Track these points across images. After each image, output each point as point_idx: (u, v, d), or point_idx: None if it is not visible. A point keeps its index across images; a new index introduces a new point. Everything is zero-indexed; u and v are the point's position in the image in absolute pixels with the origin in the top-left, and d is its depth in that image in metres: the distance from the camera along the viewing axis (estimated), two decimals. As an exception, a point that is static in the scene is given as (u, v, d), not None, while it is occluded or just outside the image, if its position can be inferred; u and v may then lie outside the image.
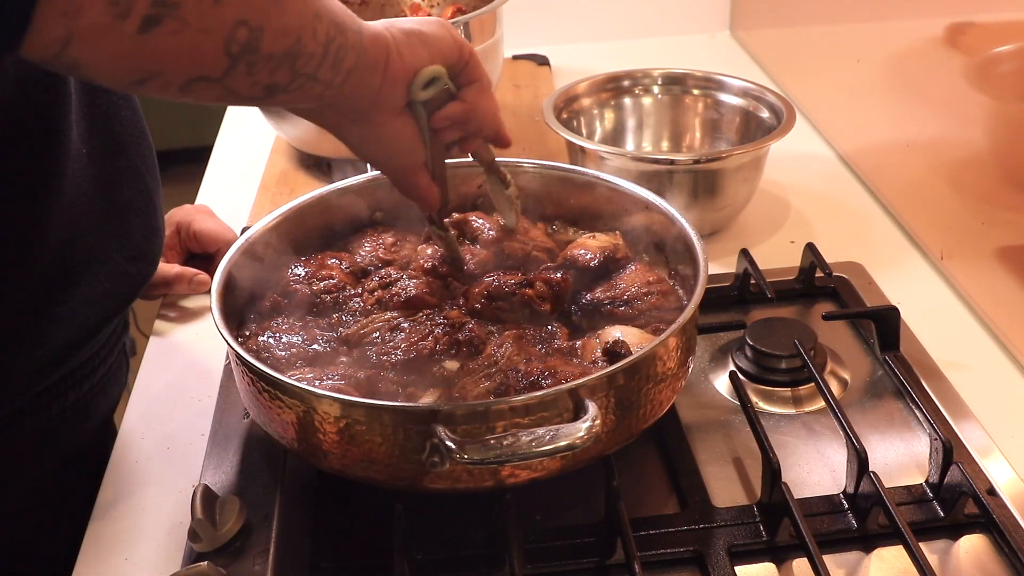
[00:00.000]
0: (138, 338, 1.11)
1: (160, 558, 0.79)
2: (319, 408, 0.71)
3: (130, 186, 0.88)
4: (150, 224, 0.91)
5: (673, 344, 0.76)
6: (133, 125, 0.88)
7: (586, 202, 0.97)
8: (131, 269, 0.88)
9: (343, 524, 0.79)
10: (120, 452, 0.90)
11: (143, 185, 0.89)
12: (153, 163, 0.92)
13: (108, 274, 0.85)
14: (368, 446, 0.71)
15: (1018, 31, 0.98)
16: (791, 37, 1.60)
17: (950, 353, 0.95)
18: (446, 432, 0.65)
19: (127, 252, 0.87)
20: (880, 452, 0.84)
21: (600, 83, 1.29)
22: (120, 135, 0.86)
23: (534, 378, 0.75)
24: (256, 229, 0.90)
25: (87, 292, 0.84)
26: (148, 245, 0.90)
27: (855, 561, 0.75)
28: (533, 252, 0.92)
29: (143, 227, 0.90)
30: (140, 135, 0.89)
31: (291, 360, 0.80)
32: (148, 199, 0.90)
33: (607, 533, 0.76)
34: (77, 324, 0.84)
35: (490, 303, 0.85)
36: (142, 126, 0.90)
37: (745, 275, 1.02)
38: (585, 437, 0.65)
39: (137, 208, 0.89)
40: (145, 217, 0.90)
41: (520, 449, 0.64)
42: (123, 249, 0.87)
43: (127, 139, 0.87)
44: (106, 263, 0.85)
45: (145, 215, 0.90)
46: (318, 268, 0.90)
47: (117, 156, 0.86)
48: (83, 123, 0.81)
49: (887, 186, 1.24)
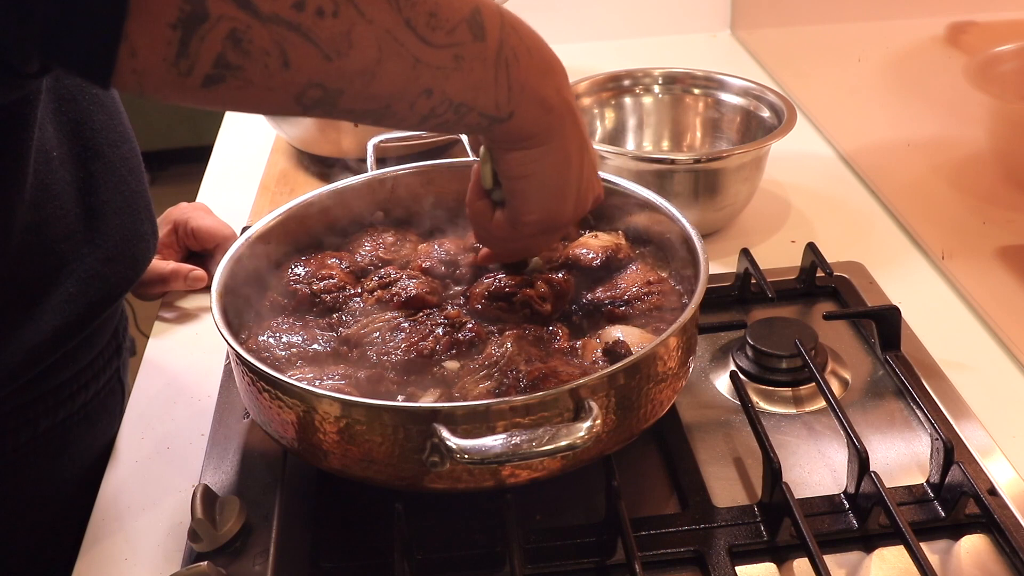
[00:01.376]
0: (138, 338, 1.11)
1: (160, 558, 0.78)
2: (319, 408, 0.71)
3: (109, 189, 0.86)
4: (132, 227, 0.88)
5: (673, 344, 0.75)
6: (110, 129, 0.87)
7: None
8: (105, 271, 0.84)
9: (343, 524, 0.79)
10: (120, 452, 0.90)
11: (124, 188, 0.87)
12: (136, 165, 0.90)
13: (78, 277, 0.82)
14: (368, 446, 0.70)
15: (1019, 30, 0.98)
16: (792, 36, 1.60)
17: (951, 353, 0.95)
18: (447, 432, 0.65)
19: (102, 254, 0.84)
20: (881, 452, 0.84)
21: (600, 82, 1.29)
22: (93, 140, 0.85)
23: (535, 378, 0.75)
24: (256, 229, 0.90)
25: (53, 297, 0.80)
26: (128, 248, 0.87)
27: (856, 561, 0.75)
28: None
29: (122, 229, 0.87)
30: (119, 138, 0.88)
31: (291, 360, 0.80)
32: (131, 201, 0.88)
33: (607, 533, 0.75)
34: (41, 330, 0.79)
35: (491, 303, 0.84)
36: (121, 129, 0.89)
37: (746, 275, 1.02)
38: (586, 437, 0.65)
39: (116, 209, 0.86)
40: (125, 219, 0.87)
41: (520, 449, 0.64)
42: (98, 251, 0.84)
43: (103, 143, 0.86)
44: (78, 266, 0.82)
45: (125, 217, 0.87)
46: (318, 268, 0.90)
47: (93, 161, 0.85)
48: (51, 129, 0.80)
49: (888, 185, 1.24)
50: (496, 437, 0.65)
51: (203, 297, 1.09)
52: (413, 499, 0.75)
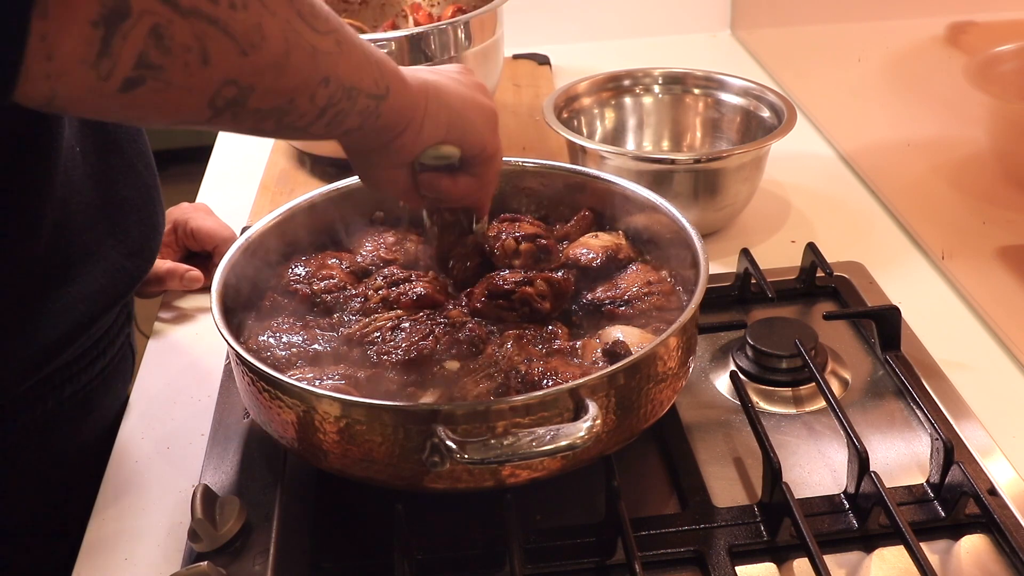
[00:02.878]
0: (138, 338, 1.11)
1: (160, 558, 0.78)
2: (319, 408, 0.71)
3: (127, 183, 0.88)
4: (148, 221, 0.91)
5: (673, 344, 0.75)
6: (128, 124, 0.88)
7: (589, 202, 0.97)
8: (128, 264, 0.88)
9: (343, 524, 0.79)
10: (120, 452, 0.90)
11: (140, 182, 0.90)
12: (150, 161, 0.92)
13: (104, 269, 0.85)
14: (368, 446, 0.70)
15: (1019, 30, 0.98)
16: (792, 36, 1.60)
17: (951, 353, 0.95)
18: (446, 432, 0.65)
19: (124, 248, 0.87)
20: (881, 452, 0.84)
21: (600, 82, 1.29)
22: (114, 133, 0.86)
23: (534, 378, 0.75)
24: (256, 228, 0.90)
25: (83, 287, 0.84)
26: (146, 241, 0.90)
27: (856, 561, 0.75)
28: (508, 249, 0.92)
29: (141, 223, 0.90)
30: (136, 133, 0.90)
31: (291, 360, 0.80)
32: (147, 195, 0.91)
33: (607, 533, 0.75)
34: (72, 319, 0.83)
35: (491, 301, 0.85)
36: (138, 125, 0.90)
37: (746, 275, 1.02)
38: (586, 437, 0.65)
39: (135, 204, 0.89)
40: (143, 213, 0.90)
41: (521, 449, 0.64)
42: (120, 245, 0.87)
43: (122, 137, 0.88)
44: (102, 259, 0.85)
45: (143, 211, 0.90)
46: (318, 268, 0.90)
47: (112, 154, 0.86)
48: (75, 122, 0.81)
49: (888, 185, 1.24)
50: (496, 437, 0.65)
51: (203, 297, 1.09)
52: (413, 499, 0.75)
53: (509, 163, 0.95)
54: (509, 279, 0.85)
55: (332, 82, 0.61)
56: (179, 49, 0.51)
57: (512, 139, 1.38)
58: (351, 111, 0.64)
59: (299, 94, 0.59)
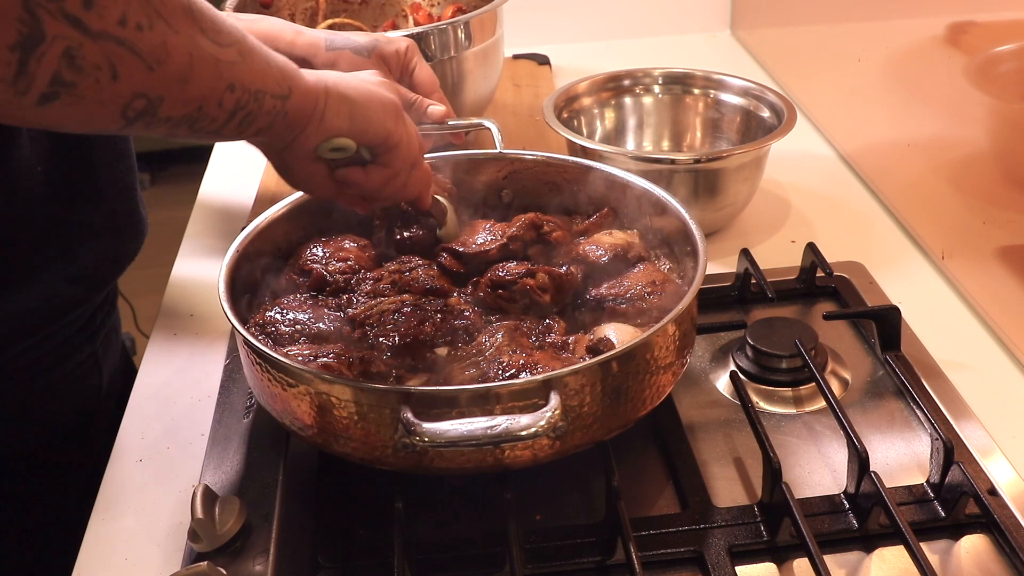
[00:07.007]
0: (138, 338, 1.11)
1: (160, 558, 0.78)
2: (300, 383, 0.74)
3: (91, 209, 0.91)
4: (106, 249, 0.94)
5: (663, 336, 0.76)
6: (111, 147, 0.89)
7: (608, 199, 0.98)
8: (68, 291, 0.91)
9: (343, 524, 0.79)
10: (120, 452, 0.90)
11: (106, 208, 0.91)
12: (130, 184, 0.94)
13: (39, 292, 0.89)
14: (345, 423, 0.73)
15: (1019, 30, 0.98)
16: (792, 36, 1.60)
17: (951, 353, 0.95)
18: (411, 414, 0.68)
19: (68, 273, 0.91)
20: (881, 452, 0.84)
21: (601, 82, 1.29)
22: (90, 157, 0.89)
23: (514, 370, 0.75)
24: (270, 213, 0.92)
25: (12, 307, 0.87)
26: (97, 268, 0.93)
27: (856, 561, 0.75)
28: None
29: (95, 250, 0.93)
30: (117, 159, 0.92)
31: (294, 336, 0.82)
32: (111, 222, 0.93)
33: (607, 533, 0.75)
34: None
35: (493, 291, 0.86)
36: (121, 148, 0.91)
37: (746, 275, 1.02)
38: (545, 426, 0.66)
39: (94, 231, 0.92)
40: (101, 240, 0.93)
41: (476, 434, 0.66)
42: (65, 270, 0.90)
43: (99, 161, 0.90)
44: (40, 281, 0.88)
45: (102, 238, 0.93)
46: (336, 249, 0.92)
47: (82, 178, 0.89)
48: (44, 142, 0.82)
49: (888, 186, 1.24)
50: (457, 422, 0.67)
51: (203, 296, 1.09)
52: (413, 499, 0.75)
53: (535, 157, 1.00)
54: (512, 270, 0.86)
55: (238, 88, 0.64)
56: (90, 68, 0.55)
57: (512, 139, 1.38)
58: (259, 112, 0.67)
59: (207, 101, 0.63)
